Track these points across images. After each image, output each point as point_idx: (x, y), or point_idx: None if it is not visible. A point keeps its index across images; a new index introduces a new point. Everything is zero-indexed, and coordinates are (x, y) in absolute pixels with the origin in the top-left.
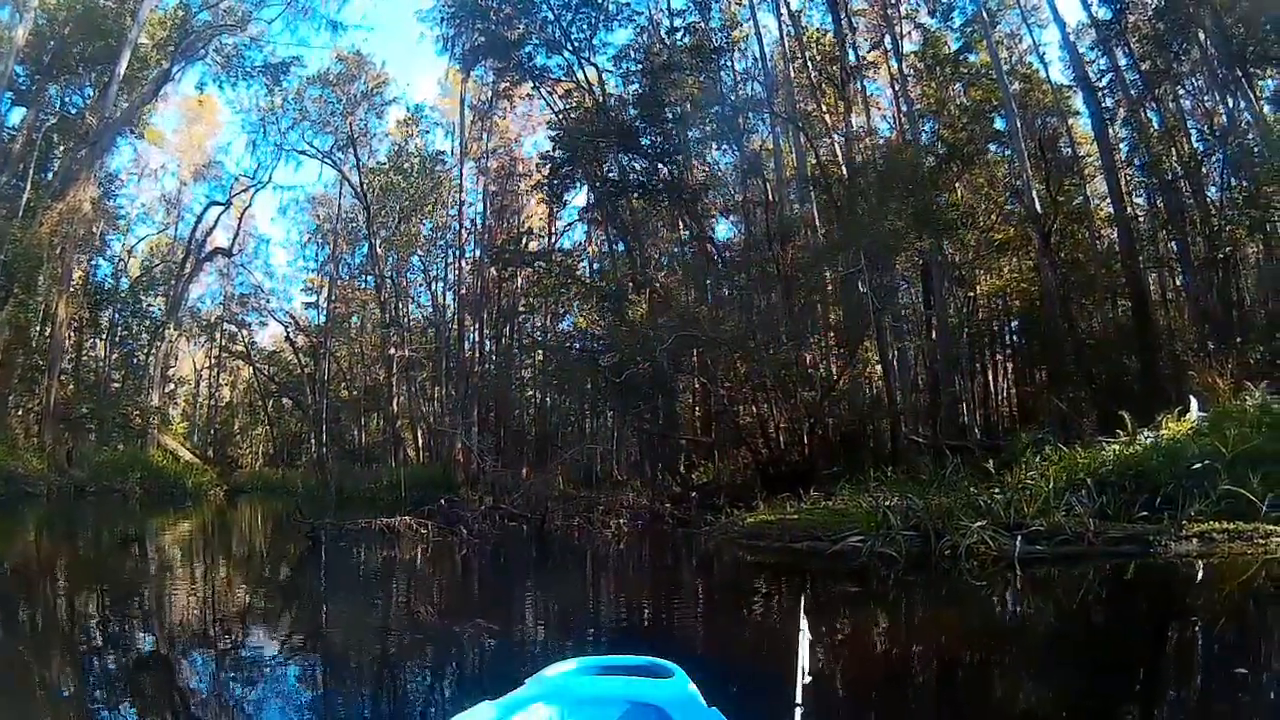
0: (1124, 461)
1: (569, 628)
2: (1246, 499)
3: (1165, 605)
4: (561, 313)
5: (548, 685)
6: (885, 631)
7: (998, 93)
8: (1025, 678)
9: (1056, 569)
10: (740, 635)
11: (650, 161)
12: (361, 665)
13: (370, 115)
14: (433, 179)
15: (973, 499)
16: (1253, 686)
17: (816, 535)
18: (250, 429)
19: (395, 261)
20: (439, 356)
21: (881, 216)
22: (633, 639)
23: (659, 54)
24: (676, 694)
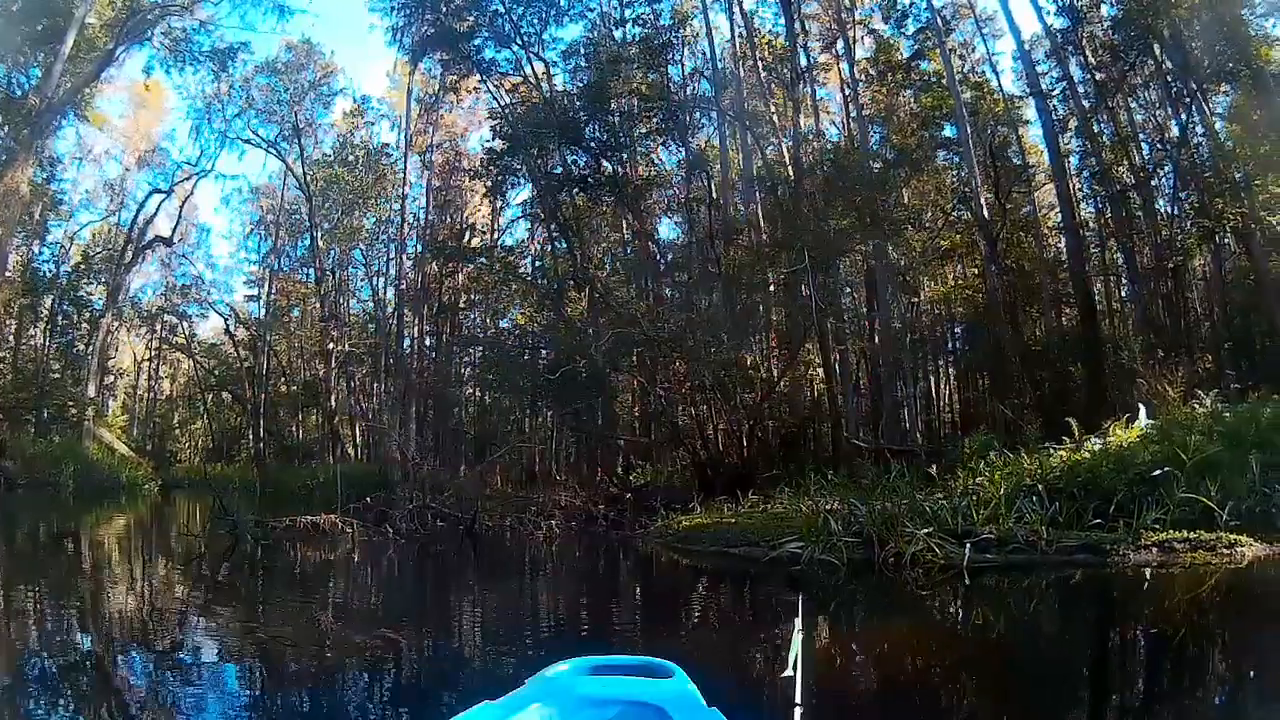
0: (1073, 468)
1: (481, 638)
2: (1204, 507)
3: (1122, 616)
4: (502, 310)
5: (547, 685)
6: (826, 642)
7: (949, 100)
8: (970, 691)
9: (1007, 578)
10: (669, 647)
11: (593, 156)
12: (228, 678)
13: (317, 106)
14: (376, 172)
15: (918, 505)
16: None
17: (754, 540)
18: (189, 423)
19: (337, 255)
20: (378, 352)
21: (826, 216)
22: (549, 653)
23: (606, 46)
24: (676, 694)
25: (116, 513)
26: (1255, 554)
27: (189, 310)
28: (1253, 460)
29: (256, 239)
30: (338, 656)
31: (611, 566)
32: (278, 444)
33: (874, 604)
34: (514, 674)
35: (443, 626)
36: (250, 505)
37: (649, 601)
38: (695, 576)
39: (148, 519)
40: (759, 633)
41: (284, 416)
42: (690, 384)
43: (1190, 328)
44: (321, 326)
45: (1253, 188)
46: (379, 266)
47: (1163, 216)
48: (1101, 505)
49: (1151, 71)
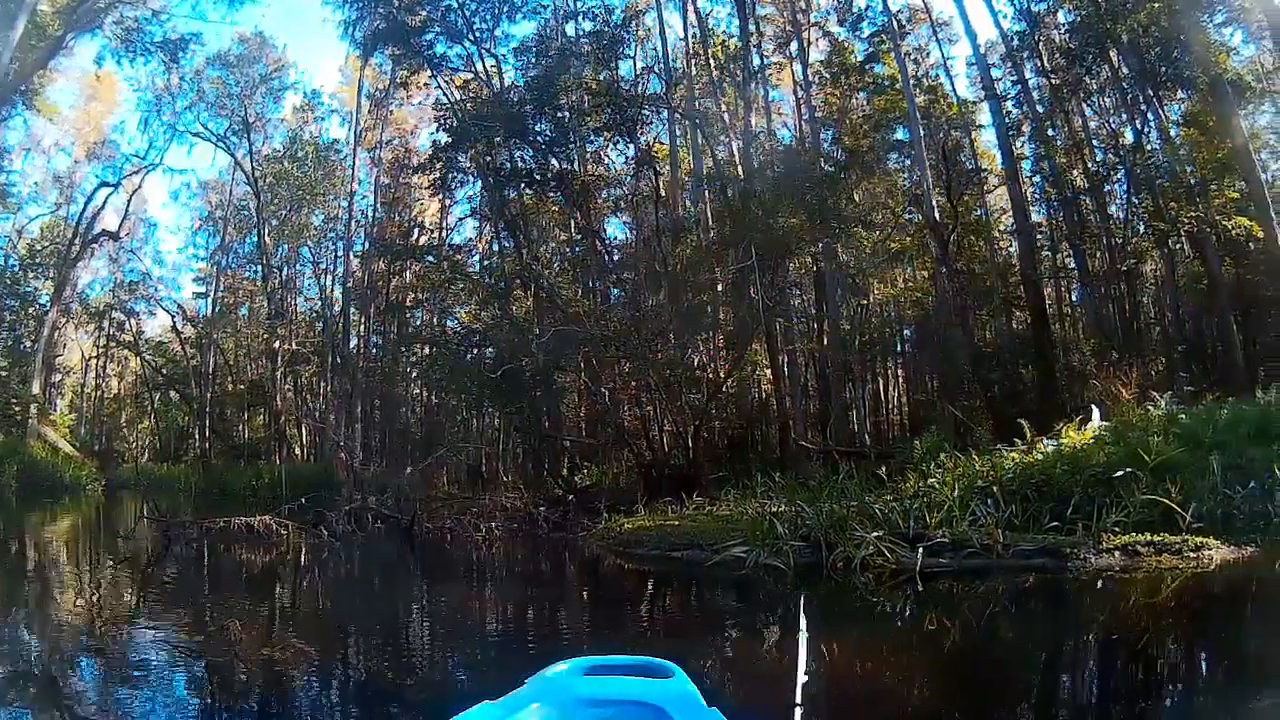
0: (1026, 470)
1: (399, 652)
2: (1165, 509)
3: (1086, 623)
4: (449, 309)
5: (548, 685)
6: (770, 648)
7: (902, 103)
8: (920, 700)
9: (962, 583)
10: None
11: (540, 152)
12: (111, 692)
13: (268, 100)
14: (325, 168)
15: (868, 507)
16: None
17: (698, 543)
18: (137, 421)
19: (285, 252)
20: (325, 351)
21: (775, 215)
22: (480, 666)
23: (557, 41)
24: (676, 694)
25: (55, 513)
26: (1223, 557)
27: (136, 307)
28: (1214, 462)
29: (205, 235)
30: (238, 669)
31: (549, 570)
32: (224, 444)
33: (824, 610)
34: (433, 700)
35: (360, 637)
36: (192, 506)
37: (584, 607)
38: (636, 580)
39: (85, 520)
40: (702, 641)
41: (230, 416)
42: (635, 384)
43: (1142, 331)
44: (268, 325)
45: (1208, 192)
46: (327, 264)
47: (1116, 220)
48: (1058, 507)
49: (1107, 77)
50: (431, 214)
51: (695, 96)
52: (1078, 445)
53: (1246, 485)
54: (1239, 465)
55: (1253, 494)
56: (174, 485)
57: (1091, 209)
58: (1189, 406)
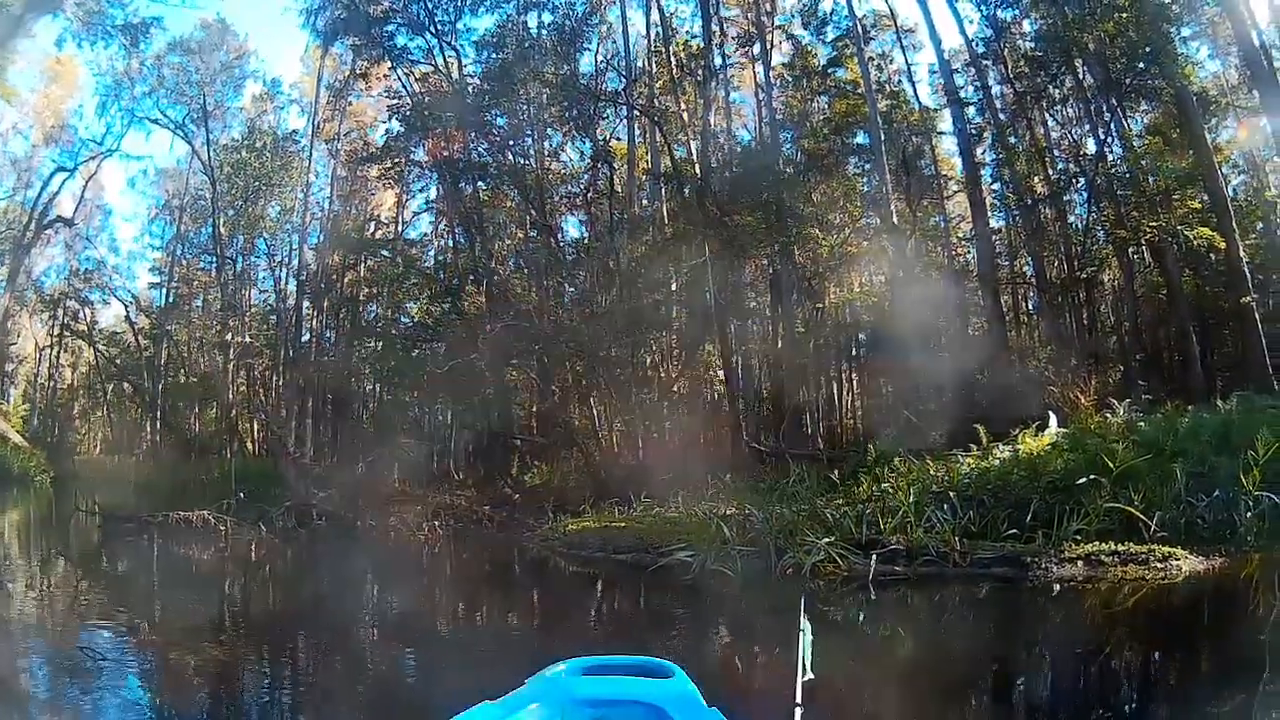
0: (983, 475)
1: (324, 660)
2: (1126, 517)
3: (1050, 638)
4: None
5: (548, 685)
6: (716, 658)
7: (863, 108)
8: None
9: (917, 592)
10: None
11: (496, 145)
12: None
13: (228, 88)
14: (283, 159)
15: (819, 512)
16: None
17: (642, 546)
18: (90, 413)
19: (241, 244)
20: (278, 345)
21: (731, 213)
22: (398, 687)
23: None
24: (677, 694)
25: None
26: (1191, 568)
27: (91, 296)
28: (1177, 470)
29: (161, 224)
30: (148, 675)
31: (487, 571)
32: (176, 437)
33: (771, 619)
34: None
35: (282, 643)
36: (140, 500)
37: (517, 612)
38: (576, 584)
39: (24, 515)
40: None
41: (183, 409)
42: (585, 383)
43: (1100, 339)
44: (220, 317)
45: (1171, 202)
46: (282, 257)
47: (1076, 228)
48: (1016, 514)
49: (1071, 86)
50: (388, 208)
51: (655, 94)
52: (1035, 451)
53: (1211, 494)
54: (1201, 474)
55: (1216, 503)
56: (125, 478)
57: (1052, 217)
58: (1148, 415)
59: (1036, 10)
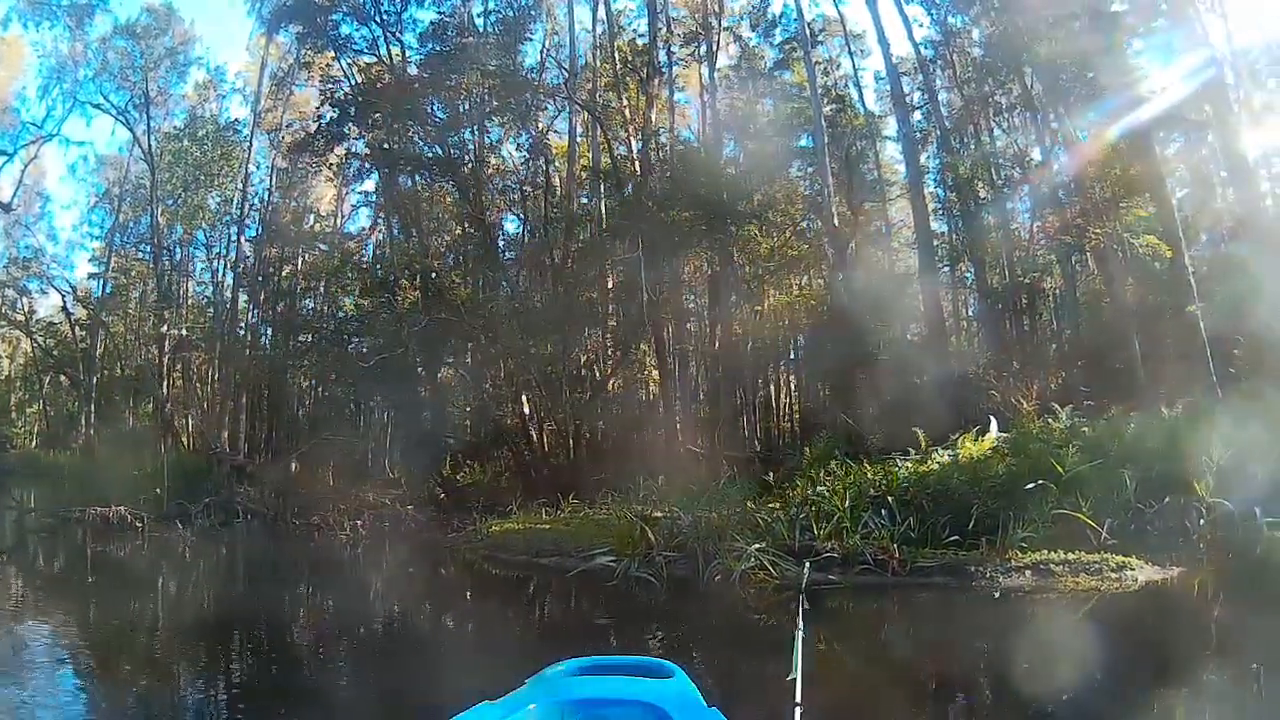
0: (922, 479)
1: (214, 676)
2: (1073, 524)
3: (995, 656)
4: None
5: (548, 685)
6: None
7: (808, 111)
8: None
9: (854, 602)
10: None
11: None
12: None
13: (172, 75)
14: (224, 148)
15: (750, 516)
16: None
17: (566, 550)
18: (27, 405)
19: (180, 234)
20: (214, 338)
21: (668, 208)
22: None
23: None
24: (677, 694)
25: None
26: (1147, 578)
27: (29, 285)
28: (1126, 476)
29: (101, 213)
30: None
31: (402, 573)
32: (112, 431)
33: (695, 632)
34: None
35: (170, 657)
36: (70, 496)
37: (422, 620)
38: (492, 589)
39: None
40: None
41: (119, 402)
42: (516, 380)
43: (1041, 344)
44: (156, 308)
45: (1118, 210)
46: (220, 249)
47: (1019, 234)
48: (957, 519)
49: (1019, 94)
50: (328, 202)
51: (599, 90)
52: (975, 456)
53: (1161, 500)
54: (1149, 480)
55: (1167, 509)
56: (60, 472)
57: (994, 223)
58: (1091, 420)
59: (987, 18)
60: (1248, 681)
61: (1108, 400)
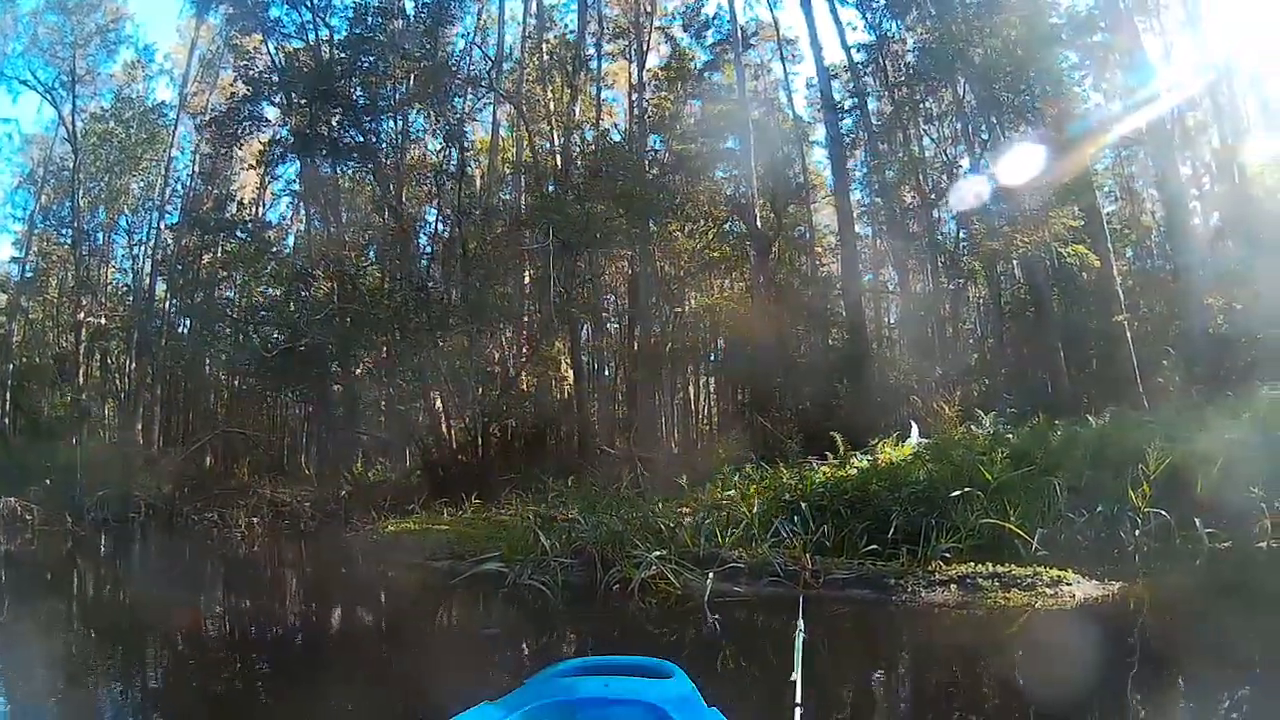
0: (839, 484)
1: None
2: (1002, 533)
3: (915, 687)
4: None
5: (547, 685)
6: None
7: (737, 113)
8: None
9: (761, 615)
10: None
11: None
12: None
13: (102, 53)
14: (149, 131)
15: (652, 521)
16: None
17: (459, 553)
18: None
19: (103, 219)
20: (132, 328)
21: (585, 200)
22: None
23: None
24: (676, 694)
25: None
26: (1085, 594)
27: None
28: (1056, 485)
29: (25, 194)
30: None
31: (280, 576)
32: (28, 420)
33: (587, 645)
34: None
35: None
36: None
37: (279, 632)
38: (374, 594)
39: None
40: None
41: (35, 390)
42: (427, 375)
43: (964, 352)
44: (74, 295)
45: (1047, 218)
46: (142, 235)
47: (945, 241)
48: (875, 527)
49: (950, 101)
50: (250, 189)
51: (525, 82)
52: (895, 461)
53: (1092, 510)
54: (1078, 489)
55: (1099, 520)
56: None
57: (920, 229)
58: (1015, 427)
59: (922, 25)
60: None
61: (1032, 408)
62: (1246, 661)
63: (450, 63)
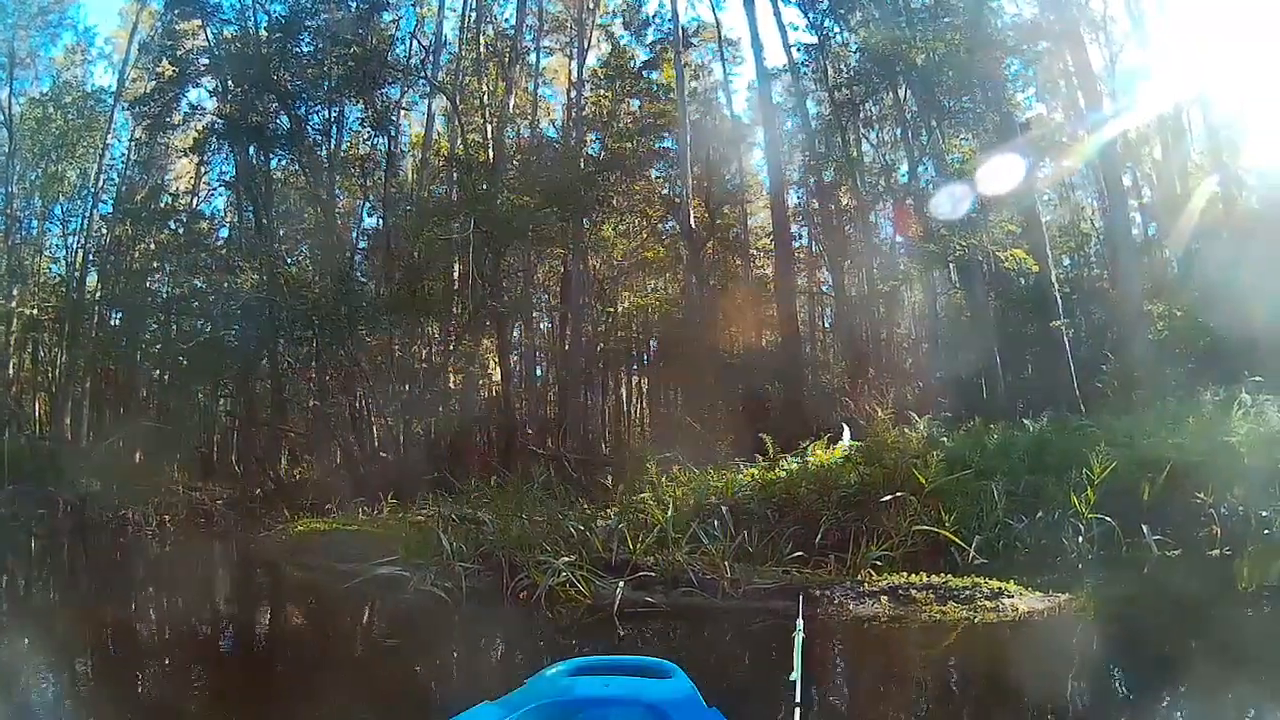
0: (766, 487)
1: None
2: (937, 540)
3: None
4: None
5: (547, 685)
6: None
7: (674, 112)
8: None
9: (677, 627)
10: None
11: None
12: None
13: (44, 36)
14: (87, 117)
15: (564, 524)
16: None
17: (362, 555)
18: None
19: (38, 207)
20: (65, 318)
21: (515, 194)
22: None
23: None
24: (676, 694)
25: None
26: (1028, 607)
27: None
28: (994, 490)
29: None
30: None
31: (179, 578)
32: None
33: (486, 658)
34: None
35: None
36: None
37: (163, 640)
38: (264, 599)
39: None
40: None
41: None
42: (345, 370)
43: (899, 355)
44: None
45: (987, 223)
46: (77, 224)
47: (881, 245)
48: (803, 532)
49: (891, 104)
50: (186, 180)
51: (462, 74)
52: (826, 464)
53: (1033, 516)
54: (1016, 494)
55: (1039, 526)
56: None
57: (857, 232)
58: (951, 430)
59: (865, 28)
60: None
61: (967, 412)
62: (1202, 687)
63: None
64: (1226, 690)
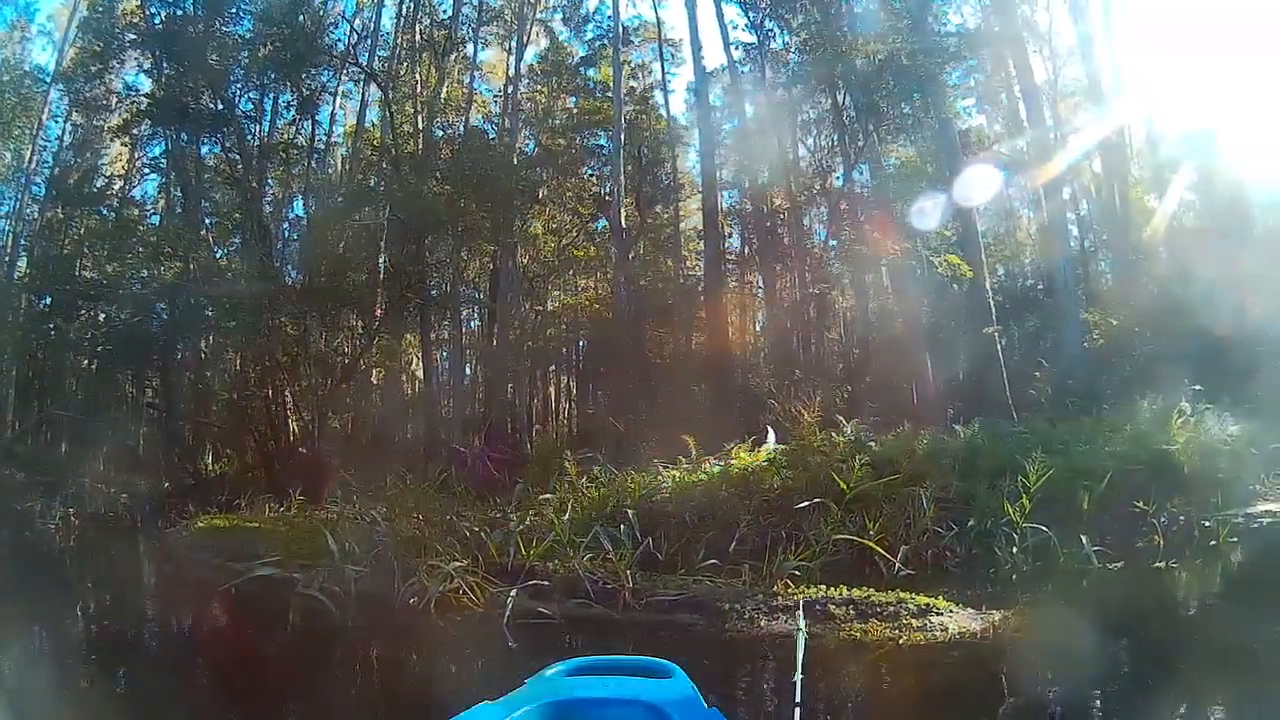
0: (685, 490)
1: None
2: (861, 549)
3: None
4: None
5: (547, 686)
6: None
7: (609, 109)
8: None
9: (570, 639)
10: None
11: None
12: None
13: None
14: (22, 97)
15: (458, 527)
16: None
17: (264, 554)
18: None
19: None
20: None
21: (440, 184)
22: None
23: None
24: (676, 694)
25: None
26: (959, 627)
27: None
28: (923, 496)
29: None
30: None
31: (62, 578)
32: None
33: (376, 673)
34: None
35: None
36: None
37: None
38: (145, 599)
39: None
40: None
41: None
42: (260, 361)
43: (827, 358)
44: None
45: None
46: (7, 207)
47: (814, 248)
48: (720, 538)
49: (829, 107)
50: (120, 164)
51: (396, 62)
52: (748, 467)
53: (963, 524)
54: (946, 500)
55: (969, 535)
56: None
57: (789, 234)
58: (879, 435)
59: (806, 30)
60: None
61: (896, 417)
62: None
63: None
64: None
